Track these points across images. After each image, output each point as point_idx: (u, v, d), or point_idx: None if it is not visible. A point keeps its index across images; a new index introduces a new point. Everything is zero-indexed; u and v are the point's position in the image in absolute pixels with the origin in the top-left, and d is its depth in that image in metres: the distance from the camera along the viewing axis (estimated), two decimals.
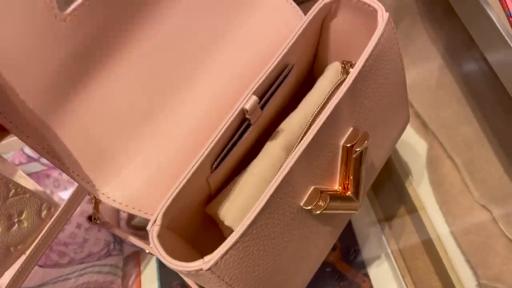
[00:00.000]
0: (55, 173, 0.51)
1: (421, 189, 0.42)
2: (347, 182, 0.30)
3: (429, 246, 0.40)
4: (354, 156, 0.29)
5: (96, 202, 0.37)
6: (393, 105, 0.33)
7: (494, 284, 0.36)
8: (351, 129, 0.30)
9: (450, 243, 0.39)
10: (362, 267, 0.40)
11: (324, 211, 0.28)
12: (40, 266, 0.45)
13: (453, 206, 0.41)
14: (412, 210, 0.41)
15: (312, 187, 0.28)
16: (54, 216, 0.32)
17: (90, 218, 0.38)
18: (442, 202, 0.41)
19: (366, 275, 0.40)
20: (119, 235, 0.41)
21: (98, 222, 0.38)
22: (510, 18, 0.37)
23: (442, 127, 0.44)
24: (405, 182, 0.43)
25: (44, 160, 0.51)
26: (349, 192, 0.30)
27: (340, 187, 0.30)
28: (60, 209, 0.33)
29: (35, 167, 0.51)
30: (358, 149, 0.29)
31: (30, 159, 0.51)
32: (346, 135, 0.29)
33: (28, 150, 0.51)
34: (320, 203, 0.27)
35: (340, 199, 0.29)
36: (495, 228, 0.38)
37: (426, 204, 0.41)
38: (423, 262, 0.39)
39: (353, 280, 0.40)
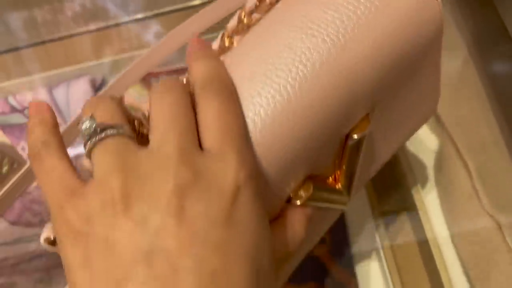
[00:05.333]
0: None
1: (425, 188, 0.39)
2: (338, 172, 0.26)
3: (425, 250, 0.37)
4: (350, 143, 0.25)
5: None
6: (420, 93, 0.29)
7: None
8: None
9: (449, 251, 0.36)
10: (349, 264, 0.37)
11: (308, 203, 0.24)
12: (12, 223, 0.43)
13: (457, 210, 0.37)
14: (412, 209, 0.38)
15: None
16: (17, 175, 0.29)
17: None
18: (446, 204, 0.38)
19: (353, 273, 0.37)
20: None
21: None
22: None
23: (457, 125, 0.40)
24: (408, 178, 0.39)
25: (28, 113, 0.48)
26: (339, 185, 0.26)
27: (330, 177, 0.26)
28: (25, 167, 0.30)
29: (17, 118, 0.48)
30: (356, 136, 0.25)
31: (14, 109, 0.48)
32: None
33: (12, 100, 0.48)
34: (301, 193, 0.24)
35: (328, 191, 0.25)
36: (503, 242, 0.35)
37: (428, 205, 0.38)
38: (416, 266, 0.36)
39: (338, 276, 0.37)
